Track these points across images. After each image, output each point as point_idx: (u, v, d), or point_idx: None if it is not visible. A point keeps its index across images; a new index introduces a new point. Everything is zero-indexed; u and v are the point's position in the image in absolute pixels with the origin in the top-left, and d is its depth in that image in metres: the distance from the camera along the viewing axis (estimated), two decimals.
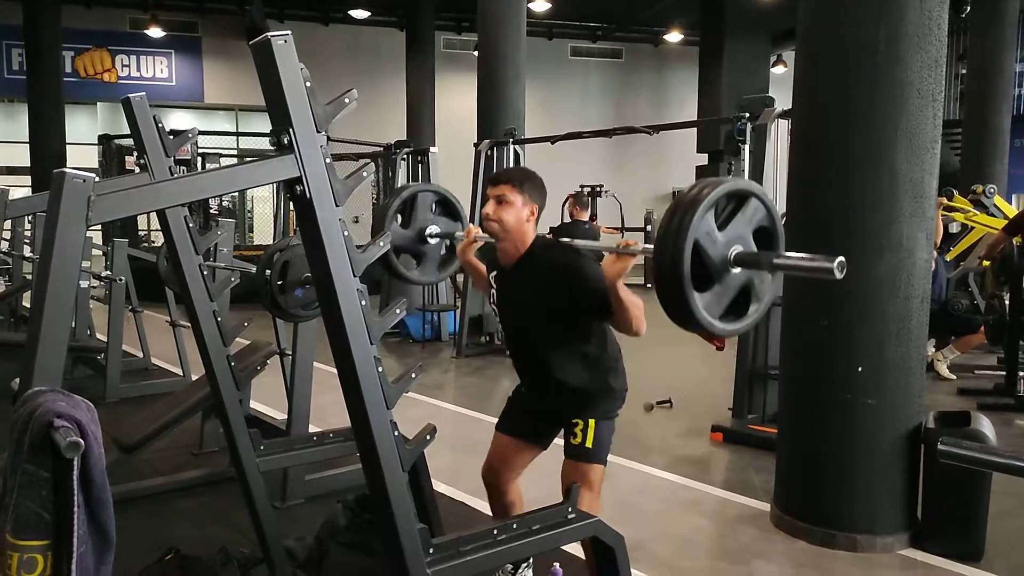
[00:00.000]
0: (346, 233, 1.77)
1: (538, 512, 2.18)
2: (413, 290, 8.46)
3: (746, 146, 5.31)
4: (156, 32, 16.91)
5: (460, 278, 8.07)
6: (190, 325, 2.58)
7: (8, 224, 7.10)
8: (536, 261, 2.50)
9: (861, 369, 3.22)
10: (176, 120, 16.78)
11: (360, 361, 1.79)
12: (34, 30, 14.22)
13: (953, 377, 6.39)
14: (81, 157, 15.07)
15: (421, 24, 16.02)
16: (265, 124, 1.75)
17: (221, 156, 12.62)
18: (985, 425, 3.32)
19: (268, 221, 13.20)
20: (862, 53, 3.18)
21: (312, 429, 3.67)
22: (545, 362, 2.52)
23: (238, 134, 16.11)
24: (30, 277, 7.12)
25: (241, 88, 16.70)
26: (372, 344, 1.81)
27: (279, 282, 2.96)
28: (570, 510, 2.18)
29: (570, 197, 8.00)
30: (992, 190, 8.05)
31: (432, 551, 1.90)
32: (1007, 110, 11.62)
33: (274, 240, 11.45)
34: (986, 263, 6.88)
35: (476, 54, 9.56)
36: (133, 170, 11.03)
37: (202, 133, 7.04)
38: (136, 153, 2.45)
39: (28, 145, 14.59)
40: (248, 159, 9.89)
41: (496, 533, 2.04)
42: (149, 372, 6.65)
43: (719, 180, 1.70)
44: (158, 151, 2.39)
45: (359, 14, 15.66)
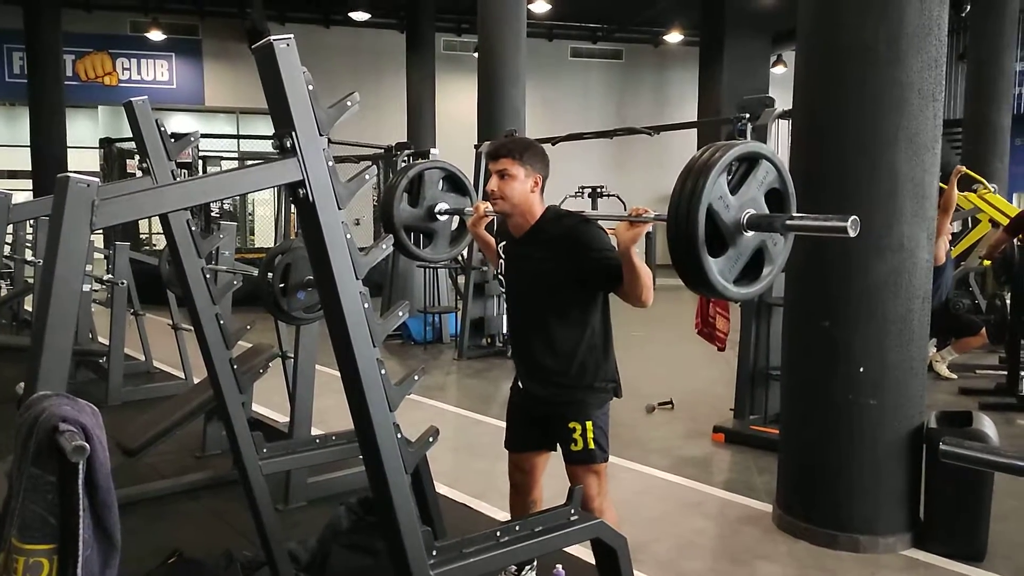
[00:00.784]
0: (348, 236, 1.77)
1: (541, 514, 2.19)
2: (415, 292, 8.47)
3: None
4: (157, 35, 16.90)
5: (461, 280, 8.08)
6: (192, 328, 2.58)
7: (9, 228, 7.09)
8: (547, 230, 2.49)
9: (863, 369, 3.22)
10: (177, 123, 16.79)
11: (363, 363, 1.79)
12: (35, 34, 14.24)
13: (954, 377, 6.37)
14: (82, 161, 15.12)
15: (421, 26, 16.07)
16: (266, 126, 1.76)
17: (222, 159, 12.63)
18: (987, 425, 3.32)
19: (269, 224, 13.23)
20: (862, 53, 3.18)
21: (314, 432, 3.68)
22: (542, 333, 2.50)
23: (239, 137, 16.13)
24: (31, 281, 7.14)
25: (242, 91, 16.73)
26: (375, 346, 1.81)
27: (281, 285, 2.97)
28: (573, 512, 2.17)
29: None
30: (992, 189, 8.04)
31: (435, 553, 1.90)
32: (1007, 109, 11.67)
33: (275, 243, 11.47)
34: (987, 263, 6.88)
35: (476, 56, 9.55)
36: (134, 173, 11.05)
37: (203, 136, 7.03)
38: (138, 157, 2.46)
39: (29, 149, 14.62)
40: (250, 162, 9.89)
41: (499, 535, 2.04)
42: (151, 376, 6.64)
43: (730, 144, 1.68)
44: (160, 155, 2.39)
45: (360, 16, 15.66)
